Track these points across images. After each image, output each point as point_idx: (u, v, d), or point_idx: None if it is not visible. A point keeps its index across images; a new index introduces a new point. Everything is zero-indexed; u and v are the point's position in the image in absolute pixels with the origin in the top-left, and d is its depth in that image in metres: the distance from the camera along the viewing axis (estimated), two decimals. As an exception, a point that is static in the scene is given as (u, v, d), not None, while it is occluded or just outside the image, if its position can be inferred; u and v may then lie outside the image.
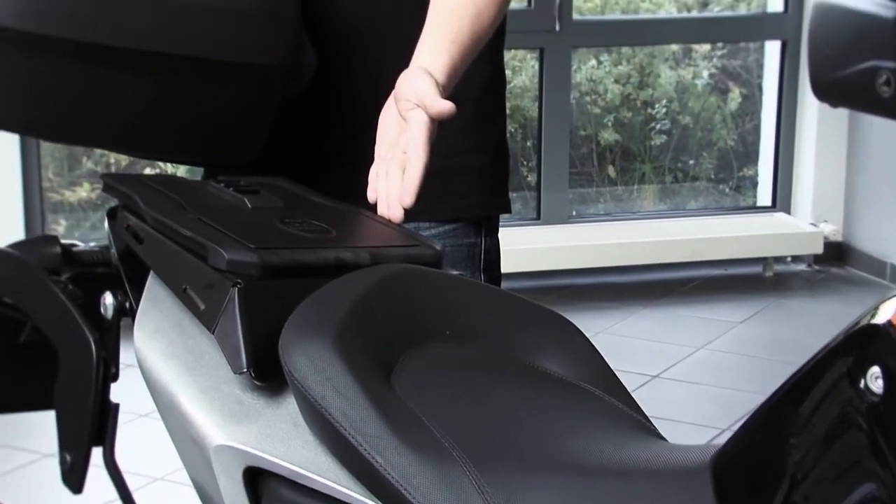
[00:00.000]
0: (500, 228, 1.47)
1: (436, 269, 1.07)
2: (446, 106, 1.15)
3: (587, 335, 1.02)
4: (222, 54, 1.18)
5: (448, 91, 1.23)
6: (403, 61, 1.24)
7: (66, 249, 1.18)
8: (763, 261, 4.21)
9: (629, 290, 4.05)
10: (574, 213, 4.32)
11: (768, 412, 0.70)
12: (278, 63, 1.22)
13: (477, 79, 1.40)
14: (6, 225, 3.48)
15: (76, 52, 1.15)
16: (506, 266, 1.51)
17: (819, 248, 4.19)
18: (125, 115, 1.21)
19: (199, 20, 1.17)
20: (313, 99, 1.33)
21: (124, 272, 1.12)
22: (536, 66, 4.17)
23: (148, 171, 4.05)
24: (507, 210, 1.46)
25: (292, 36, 1.23)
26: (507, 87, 1.56)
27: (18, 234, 3.52)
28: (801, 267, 4.30)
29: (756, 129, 4.52)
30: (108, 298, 1.12)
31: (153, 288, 1.06)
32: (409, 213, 1.33)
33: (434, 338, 0.98)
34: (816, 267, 4.29)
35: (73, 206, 3.99)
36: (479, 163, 1.42)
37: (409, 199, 1.14)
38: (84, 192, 3.99)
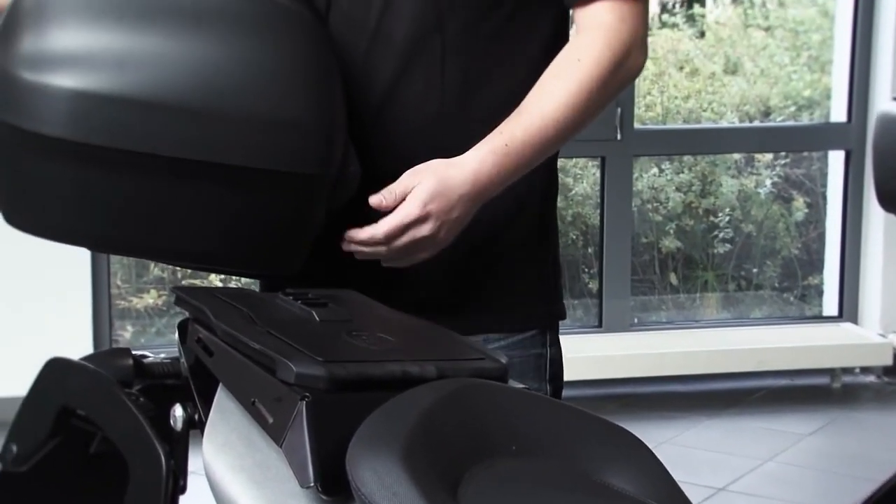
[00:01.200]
0: (561, 336, 1.48)
1: (502, 382, 1.07)
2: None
3: (650, 445, 1.02)
4: (269, 163, 1.18)
5: (493, 190, 1.30)
6: None
7: (138, 361, 1.20)
8: (830, 372, 4.14)
9: (693, 400, 3.99)
10: (636, 320, 4.30)
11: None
12: (323, 173, 1.22)
13: (538, 188, 1.43)
14: (75, 330, 3.54)
15: (123, 162, 1.16)
16: (567, 374, 1.51)
17: (888, 360, 4.12)
18: (170, 224, 1.21)
19: (244, 129, 1.17)
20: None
21: (194, 384, 1.13)
22: (597, 174, 4.20)
23: (212, 277, 4.11)
24: (564, 316, 1.48)
25: (338, 146, 1.23)
26: (569, 194, 1.61)
27: (87, 339, 3.57)
28: (870, 378, 4.22)
29: (820, 238, 4.49)
30: (178, 411, 1.13)
31: (222, 400, 1.07)
32: (480, 325, 1.35)
33: (500, 453, 0.97)
34: (886, 379, 4.20)
35: (139, 313, 4.05)
36: (541, 272, 1.44)
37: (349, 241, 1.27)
38: (151, 298, 4.06)
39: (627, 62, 1.34)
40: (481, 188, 1.29)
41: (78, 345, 3.49)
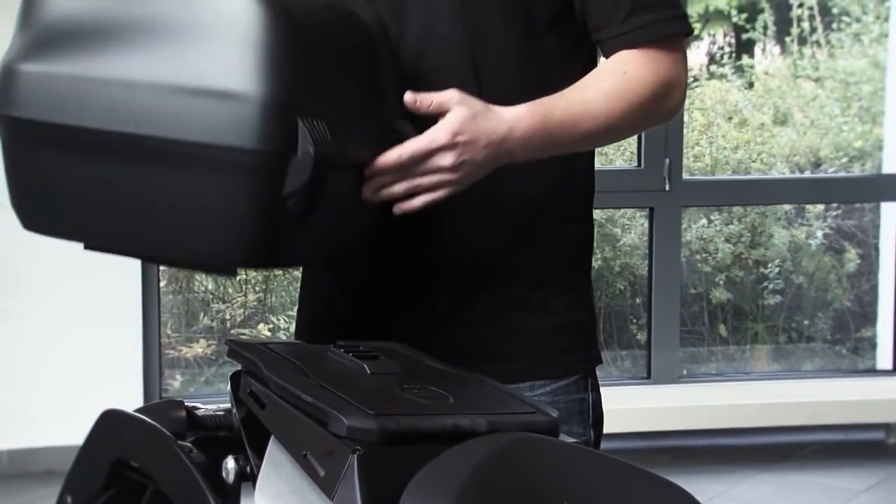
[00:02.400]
0: (609, 387, 1.48)
1: (553, 436, 1.06)
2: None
3: (700, 499, 1.01)
4: (202, 136, 1.14)
5: (516, 154, 1.28)
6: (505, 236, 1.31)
7: (191, 413, 1.21)
8: (885, 427, 4.08)
9: (743, 454, 3.94)
10: (685, 372, 4.26)
11: None
12: (262, 149, 1.14)
13: (576, 235, 1.45)
14: (126, 379, 3.57)
15: (71, 142, 1.17)
16: (616, 426, 1.51)
17: (945, 414, 4.05)
18: (124, 212, 1.19)
19: (178, 99, 1.14)
20: (426, 259, 1.36)
21: (246, 437, 1.14)
22: (646, 224, 4.19)
23: (260, 326, 4.13)
24: (601, 361, 1.48)
25: (282, 122, 1.15)
26: (618, 244, 1.62)
27: (137, 388, 3.60)
28: (927, 434, 4.15)
29: (873, 290, 4.44)
30: (231, 463, 1.14)
31: (274, 453, 1.07)
32: (524, 372, 1.35)
33: (552, 508, 0.97)
34: (942, 433, 4.13)
35: (188, 362, 4.08)
36: (581, 318, 1.45)
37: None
38: (200, 347, 4.08)
39: (668, 97, 1.36)
40: (509, 146, 1.27)
41: (128, 393, 3.52)
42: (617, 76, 1.33)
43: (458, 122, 1.23)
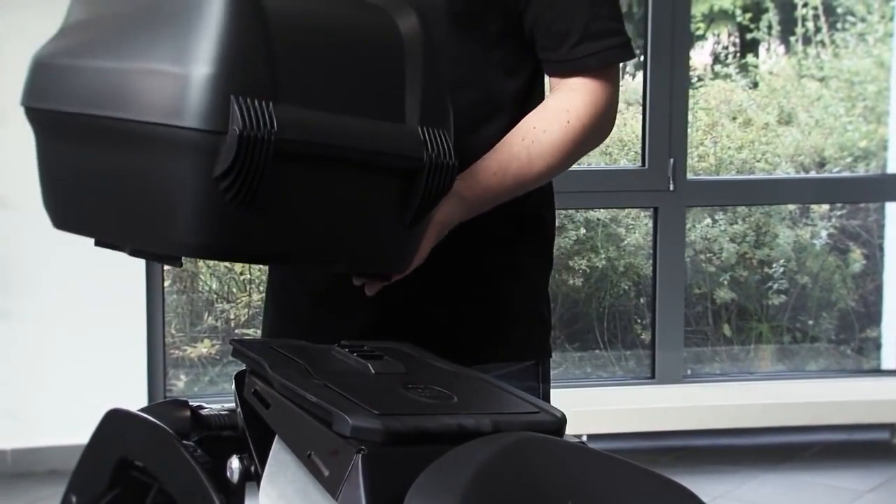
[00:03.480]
0: (613, 387, 1.51)
1: (557, 436, 1.07)
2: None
3: (704, 500, 1.01)
4: (149, 115, 1.12)
5: (479, 207, 1.35)
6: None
7: (195, 413, 1.21)
8: (890, 427, 4.07)
9: (747, 454, 3.94)
10: (689, 372, 4.26)
11: None
12: (195, 126, 1.10)
13: (538, 232, 1.48)
14: (131, 379, 3.58)
15: (62, 129, 1.20)
16: (619, 426, 1.53)
17: (949, 414, 4.04)
18: (101, 201, 1.19)
19: (134, 81, 1.13)
20: (431, 267, 1.37)
21: (250, 436, 1.14)
22: (650, 225, 4.19)
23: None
24: (551, 353, 1.53)
25: (210, 99, 1.11)
26: (622, 244, 1.66)
27: (141, 388, 3.60)
28: (930, 434, 4.15)
29: (878, 290, 4.43)
30: (235, 463, 1.14)
31: (278, 453, 1.08)
32: (479, 355, 1.37)
33: (556, 508, 0.97)
34: (947, 434, 4.13)
35: (192, 362, 4.08)
36: (538, 308, 1.48)
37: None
38: (204, 347, 4.09)
39: (603, 129, 1.43)
40: (454, 223, 1.36)
41: (133, 393, 3.53)
42: (561, 125, 1.38)
43: (448, 219, 1.32)
